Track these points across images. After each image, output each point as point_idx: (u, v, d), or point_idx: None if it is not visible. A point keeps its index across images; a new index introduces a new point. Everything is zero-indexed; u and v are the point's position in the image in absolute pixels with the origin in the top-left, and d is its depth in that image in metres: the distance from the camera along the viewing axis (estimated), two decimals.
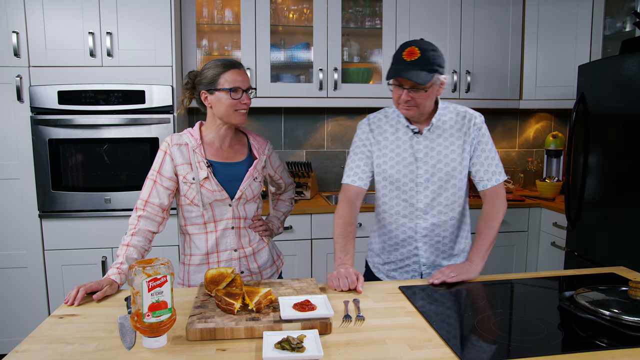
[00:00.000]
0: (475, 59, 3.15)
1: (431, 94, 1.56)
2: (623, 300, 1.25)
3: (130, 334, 1.16)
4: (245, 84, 1.61)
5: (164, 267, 1.11)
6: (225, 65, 1.60)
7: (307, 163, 3.17)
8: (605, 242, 2.39)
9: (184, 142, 1.62)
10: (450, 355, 1.07)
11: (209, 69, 1.60)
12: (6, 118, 2.58)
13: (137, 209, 1.59)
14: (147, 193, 1.59)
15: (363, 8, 3.15)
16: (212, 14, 3.01)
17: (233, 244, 1.68)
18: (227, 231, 1.66)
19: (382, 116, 1.73)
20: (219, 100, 1.59)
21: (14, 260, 2.66)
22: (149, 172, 1.62)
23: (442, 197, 1.65)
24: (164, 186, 1.60)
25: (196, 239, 1.67)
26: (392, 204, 1.70)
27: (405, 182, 1.66)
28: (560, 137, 3.35)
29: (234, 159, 1.68)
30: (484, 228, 1.63)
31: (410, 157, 1.65)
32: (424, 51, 1.51)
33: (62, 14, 2.56)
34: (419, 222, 1.67)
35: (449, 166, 1.63)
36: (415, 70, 1.49)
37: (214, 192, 1.61)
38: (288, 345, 1.05)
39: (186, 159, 1.61)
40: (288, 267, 2.80)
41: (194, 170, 1.60)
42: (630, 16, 2.76)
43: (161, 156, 1.61)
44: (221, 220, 1.65)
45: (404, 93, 1.54)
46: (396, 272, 1.76)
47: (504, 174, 1.69)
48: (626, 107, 2.25)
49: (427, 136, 1.64)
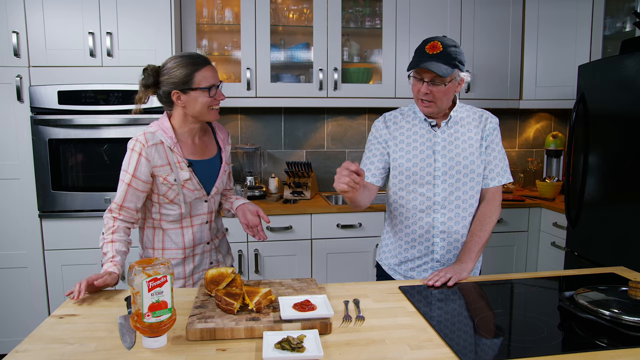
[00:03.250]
0: (475, 59, 3.15)
1: (450, 89, 1.59)
2: (623, 300, 1.25)
3: (130, 334, 1.16)
4: (217, 80, 1.57)
5: (164, 267, 1.11)
6: (198, 63, 1.53)
7: (307, 163, 3.17)
8: (605, 242, 2.39)
9: (158, 140, 1.54)
10: (450, 355, 1.06)
11: (178, 67, 1.51)
12: (6, 118, 2.58)
13: (112, 210, 1.55)
14: (122, 197, 1.53)
15: (363, 8, 3.15)
16: (212, 14, 3.01)
17: (206, 237, 1.69)
18: (202, 226, 1.67)
19: (397, 113, 1.76)
20: (194, 99, 1.53)
21: (14, 260, 2.66)
22: (122, 173, 1.55)
23: (460, 191, 1.65)
24: (139, 190, 1.54)
25: (172, 234, 1.64)
26: (409, 198, 1.69)
27: (422, 175, 1.66)
28: (560, 137, 3.35)
29: (207, 154, 1.66)
30: (477, 230, 1.63)
31: (428, 150, 1.66)
32: (446, 46, 1.55)
33: (62, 14, 2.56)
34: (437, 217, 1.66)
35: (467, 159, 1.64)
36: (437, 63, 1.53)
37: (194, 191, 1.60)
38: (288, 345, 1.04)
39: (164, 160, 1.54)
40: (288, 267, 2.80)
41: (174, 171, 1.55)
42: (630, 16, 2.76)
43: (136, 158, 1.52)
44: (197, 215, 1.65)
45: (424, 86, 1.57)
46: (414, 271, 1.73)
47: (509, 177, 1.70)
48: (626, 107, 2.25)
49: (445, 130, 1.66)
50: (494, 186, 1.67)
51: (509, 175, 1.70)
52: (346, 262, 2.87)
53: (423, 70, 1.56)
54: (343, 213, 2.83)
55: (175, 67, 1.52)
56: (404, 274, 1.76)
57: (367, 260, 2.88)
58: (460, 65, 1.58)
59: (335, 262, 2.86)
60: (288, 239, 2.80)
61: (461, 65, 1.58)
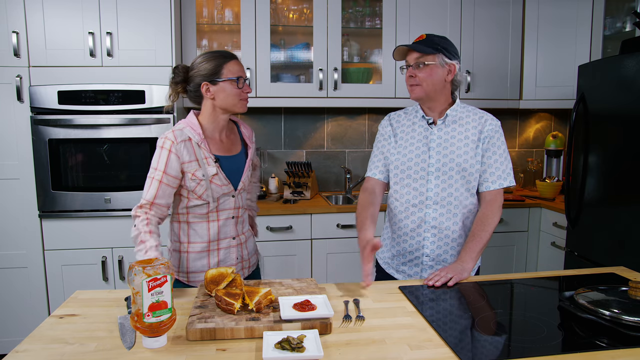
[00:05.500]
0: (475, 59, 3.15)
1: (434, 72, 1.63)
2: (623, 300, 1.25)
3: (130, 334, 1.16)
4: (244, 73, 1.64)
5: (164, 267, 1.11)
6: (226, 56, 1.61)
7: (307, 163, 3.17)
8: (605, 242, 2.39)
9: (186, 137, 1.59)
10: (450, 355, 1.06)
11: (207, 60, 1.59)
12: (6, 118, 2.58)
13: (142, 207, 1.55)
14: (153, 194, 1.55)
15: (363, 8, 3.15)
16: (212, 14, 3.01)
17: (232, 232, 1.71)
18: (228, 220, 1.69)
19: (402, 112, 1.82)
20: (223, 90, 1.59)
21: (14, 260, 2.66)
22: (151, 170, 1.58)
23: (453, 187, 1.67)
24: (170, 186, 1.58)
25: (197, 227, 1.66)
26: (402, 192, 1.73)
27: (416, 170, 1.69)
28: (560, 137, 3.35)
29: (233, 151, 1.71)
30: (478, 231, 1.63)
31: (423, 147, 1.70)
32: (431, 35, 1.66)
33: (62, 14, 2.56)
34: (428, 212, 1.68)
35: (460, 157, 1.65)
36: (416, 44, 1.63)
37: (222, 187, 1.63)
38: (288, 345, 1.04)
39: (192, 156, 1.59)
40: (288, 267, 2.80)
41: (202, 167, 1.59)
42: (630, 16, 2.76)
43: (166, 155, 1.56)
44: (223, 210, 1.67)
45: (408, 70, 1.66)
46: (405, 265, 1.76)
47: (511, 181, 1.70)
48: (626, 107, 2.25)
49: (442, 128, 1.69)
50: (495, 189, 1.67)
51: (511, 178, 1.69)
52: (346, 262, 2.87)
53: (403, 51, 1.66)
54: (343, 213, 2.83)
55: (203, 61, 1.60)
56: (396, 268, 1.79)
57: None
58: (445, 52, 1.63)
59: (335, 262, 2.86)
60: (288, 239, 2.80)
61: (446, 52, 1.63)
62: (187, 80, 1.64)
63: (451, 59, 1.64)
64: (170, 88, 1.65)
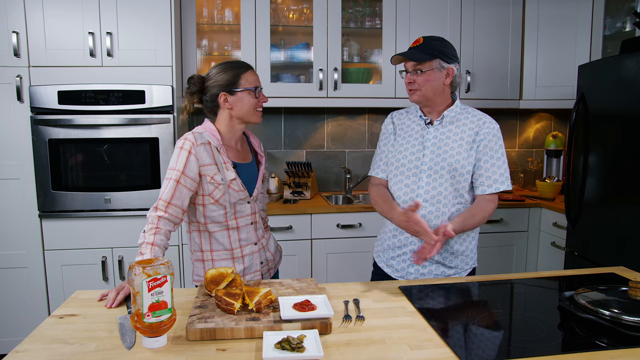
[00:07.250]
0: (475, 59, 3.15)
1: (432, 77, 1.65)
2: (623, 300, 1.25)
3: (130, 334, 1.16)
4: (260, 83, 1.67)
5: (164, 267, 1.11)
6: (242, 67, 1.64)
7: (307, 163, 3.17)
8: (605, 242, 2.39)
9: (206, 140, 1.59)
10: (450, 355, 1.07)
11: (224, 71, 1.61)
12: (6, 118, 2.58)
13: (158, 209, 1.52)
14: (170, 194, 1.53)
15: (363, 8, 3.15)
16: (212, 14, 3.01)
17: (253, 238, 1.72)
18: (247, 227, 1.70)
19: (404, 111, 1.86)
20: (240, 100, 1.61)
21: (14, 260, 2.66)
22: (169, 171, 1.55)
23: (443, 187, 1.68)
24: (188, 188, 1.55)
25: (218, 235, 1.66)
26: (395, 188, 1.76)
27: (409, 167, 1.72)
28: (560, 137, 3.35)
29: (247, 159, 1.73)
30: (471, 209, 1.66)
31: (419, 145, 1.73)
32: (428, 39, 1.68)
33: (62, 14, 2.56)
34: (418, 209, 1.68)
35: (453, 158, 1.67)
36: (412, 51, 1.65)
37: (239, 192, 1.63)
38: (288, 345, 1.05)
39: (211, 159, 1.58)
40: (288, 267, 2.80)
41: (220, 171, 1.59)
42: (630, 16, 2.76)
43: (185, 156, 1.54)
44: (241, 217, 1.67)
45: (407, 75, 1.69)
46: (394, 260, 1.79)
47: (508, 185, 1.69)
48: (626, 107, 2.25)
49: (439, 128, 1.72)
50: (491, 193, 1.67)
51: (508, 183, 1.69)
52: (346, 262, 2.87)
53: (400, 59, 1.68)
54: (343, 213, 2.83)
55: (220, 71, 1.62)
56: (386, 262, 1.82)
57: (367, 260, 2.87)
58: (442, 56, 1.63)
59: (335, 262, 2.87)
60: (288, 239, 2.80)
61: (442, 56, 1.63)
62: (203, 91, 1.65)
63: (449, 63, 1.65)
64: (186, 99, 1.66)
